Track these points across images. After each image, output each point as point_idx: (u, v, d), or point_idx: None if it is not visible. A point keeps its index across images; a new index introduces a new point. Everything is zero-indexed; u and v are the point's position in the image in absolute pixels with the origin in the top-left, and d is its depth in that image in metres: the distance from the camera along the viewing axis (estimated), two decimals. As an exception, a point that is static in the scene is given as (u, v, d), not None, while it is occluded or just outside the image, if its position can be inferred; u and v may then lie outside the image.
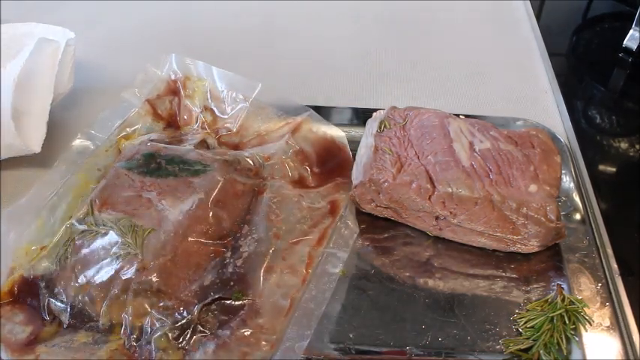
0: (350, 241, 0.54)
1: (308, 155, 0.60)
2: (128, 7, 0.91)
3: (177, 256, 0.49)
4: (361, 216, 0.56)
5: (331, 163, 0.60)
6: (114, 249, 0.49)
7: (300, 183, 0.58)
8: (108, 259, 0.48)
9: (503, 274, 0.52)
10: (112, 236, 0.49)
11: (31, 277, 0.49)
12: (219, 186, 0.53)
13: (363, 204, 0.56)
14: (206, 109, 0.63)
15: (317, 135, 0.62)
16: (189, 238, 0.50)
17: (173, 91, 0.64)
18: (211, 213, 0.52)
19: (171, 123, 0.63)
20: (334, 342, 0.46)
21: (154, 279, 0.47)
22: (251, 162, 0.58)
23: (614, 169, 0.65)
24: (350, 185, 0.56)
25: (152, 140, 0.59)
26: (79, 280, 0.48)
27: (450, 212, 0.52)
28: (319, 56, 0.82)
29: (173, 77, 0.64)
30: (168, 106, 0.63)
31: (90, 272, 0.48)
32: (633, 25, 0.78)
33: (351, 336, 0.47)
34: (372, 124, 0.60)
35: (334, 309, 0.49)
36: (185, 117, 0.63)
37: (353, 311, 0.49)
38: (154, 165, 0.55)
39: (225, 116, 0.63)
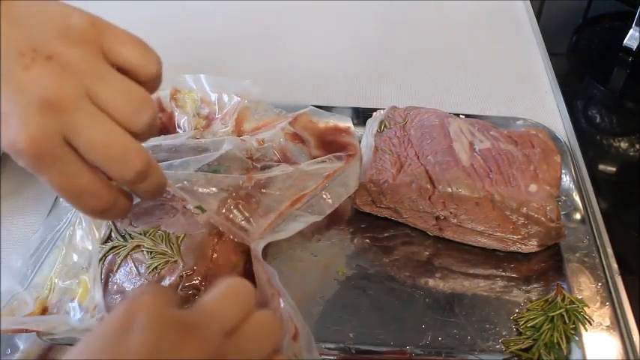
0: (327, 210, 0.53)
1: (305, 139, 0.60)
2: (128, 8, 0.91)
3: (217, 256, 0.48)
4: (361, 216, 0.56)
5: (331, 145, 0.60)
6: (149, 261, 0.47)
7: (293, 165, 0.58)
8: (144, 272, 0.47)
9: (503, 273, 0.52)
10: (145, 248, 0.48)
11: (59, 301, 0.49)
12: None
13: (362, 204, 0.56)
14: (199, 115, 0.63)
15: (316, 124, 0.61)
16: (223, 237, 0.49)
17: (162, 108, 0.63)
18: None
19: (164, 132, 0.63)
20: (334, 342, 0.46)
21: (200, 282, 0.46)
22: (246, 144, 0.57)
23: (614, 169, 0.65)
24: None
25: (153, 147, 0.58)
26: (115, 298, 0.47)
27: (450, 212, 0.52)
28: (319, 56, 0.82)
29: (161, 94, 0.63)
30: (158, 122, 0.63)
31: (128, 288, 0.47)
32: (633, 25, 0.78)
33: (351, 336, 0.47)
34: (372, 124, 0.60)
35: (334, 309, 0.49)
36: (179, 127, 0.63)
37: (353, 311, 0.49)
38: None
39: (219, 116, 0.63)
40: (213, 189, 0.51)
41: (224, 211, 0.49)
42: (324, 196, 0.54)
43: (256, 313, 0.32)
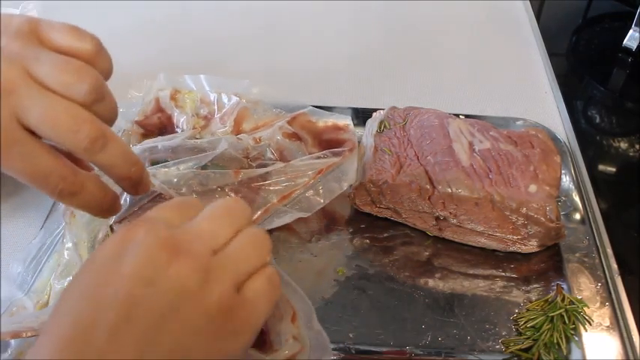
0: (316, 207, 0.53)
1: (302, 137, 0.60)
2: (128, 9, 0.91)
3: None
4: (361, 216, 0.56)
5: (329, 144, 0.60)
6: None
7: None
8: None
9: (503, 274, 0.52)
10: None
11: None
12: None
13: (362, 205, 0.56)
14: (198, 115, 0.63)
15: (315, 124, 0.61)
16: None
17: (161, 108, 0.64)
18: None
19: (163, 132, 0.63)
20: (334, 342, 0.46)
21: None
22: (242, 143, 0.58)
23: (614, 169, 0.65)
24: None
25: (150, 148, 0.58)
26: None
27: (450, 212, 0.52)
28: (319, 56, 0.82)
29: (160, 94, 0.63)
30: (157, 122, 0.63)
31: None
32: (633, 25, 0.78)
33: (350, 336, 0.47)
34: (372, 125, 0.60)
35: (334, 309, 0.49)
36: (178, 127, 0.63)
37: (353, 311, 0.49)
38: None
39: (218, 116, 0.63)
40: (201, 186, 0.51)
41: None
42: (315, 193, 0.54)
43: (245, 229, 0.34)
